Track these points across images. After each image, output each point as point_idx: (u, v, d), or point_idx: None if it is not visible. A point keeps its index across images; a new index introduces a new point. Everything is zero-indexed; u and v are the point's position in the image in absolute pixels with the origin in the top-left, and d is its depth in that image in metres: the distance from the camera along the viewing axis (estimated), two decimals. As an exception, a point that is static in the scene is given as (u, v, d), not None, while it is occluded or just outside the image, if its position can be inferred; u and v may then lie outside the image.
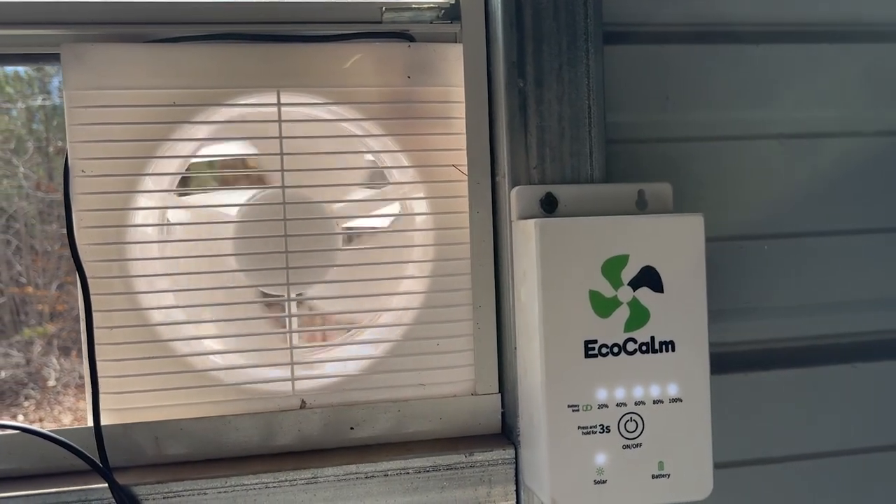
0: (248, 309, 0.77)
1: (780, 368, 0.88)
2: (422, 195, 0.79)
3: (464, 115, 0.77)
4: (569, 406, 0.68)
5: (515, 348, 0.74)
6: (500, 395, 0.79)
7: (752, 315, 0.88)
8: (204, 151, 0.76)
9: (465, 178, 0.78)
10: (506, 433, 0.79)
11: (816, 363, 0.89)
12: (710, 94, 0.86)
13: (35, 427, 0.70)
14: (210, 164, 0.81)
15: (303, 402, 0.77)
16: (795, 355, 0.89)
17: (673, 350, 0.70)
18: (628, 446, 0.69)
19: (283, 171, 0.76)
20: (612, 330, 0.69)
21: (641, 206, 0.75)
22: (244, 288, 0.77)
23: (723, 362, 0.85)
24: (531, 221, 0.69)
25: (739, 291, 0.87)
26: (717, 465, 0.86)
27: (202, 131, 0.75)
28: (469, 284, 0.79)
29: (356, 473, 0.73)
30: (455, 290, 0.79)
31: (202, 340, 0.76)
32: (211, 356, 0.76)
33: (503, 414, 0.80)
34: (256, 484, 0.72)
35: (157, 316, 0.75)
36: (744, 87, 0.87)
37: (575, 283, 0.68)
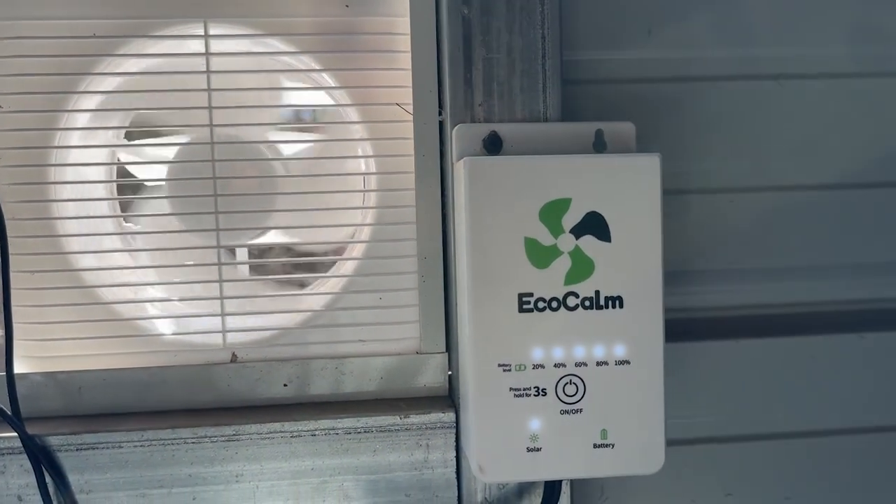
0: (178, 256, 0.73)
1: (772, 336, 0.79)
2: (363, 136, 0.73)
3: (409, 49, 0.70)
4: (499, 365, 0.61)
5: (456, 303, 0.68)
6: (447, 354, 0.73)
7: (741, 277, 0.79)
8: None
9: (411, 117, 0.71)
10: (452, 396, 0.73)
11: (817, 332, 0.80)
12: (700, 28, 0.77)
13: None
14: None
15: (234, 355, 0.73)
16: (788, 322, 0.80)
17: (621, 307, 0.62)
18: (567, 412, 0.62)
19: (210, 108, 0.70)
20: (550, 282, 0.61)
21: (599, 147, 0.67)
22: (176, 233, 0.73)
23: (701, 328, 0.78)
24: (461, 161, 0.62)
25: (731, 250, 0.79)
26: (697, 441, 0.79)
27: (126, 65, 0.70)
28: (414, 234, 0.72)
29: (280, 432, 0.69)
30: (399, 239, 0.73)
31: (131, 288, 0.72)
32: (140, 304, 0.73)
33: (450, 376, 0.73)
34: (174, 439, 0.68)
35: (82, 261, 0.71)
36: (740, 22, 0.77)
37: (508, 230, 0.61)
